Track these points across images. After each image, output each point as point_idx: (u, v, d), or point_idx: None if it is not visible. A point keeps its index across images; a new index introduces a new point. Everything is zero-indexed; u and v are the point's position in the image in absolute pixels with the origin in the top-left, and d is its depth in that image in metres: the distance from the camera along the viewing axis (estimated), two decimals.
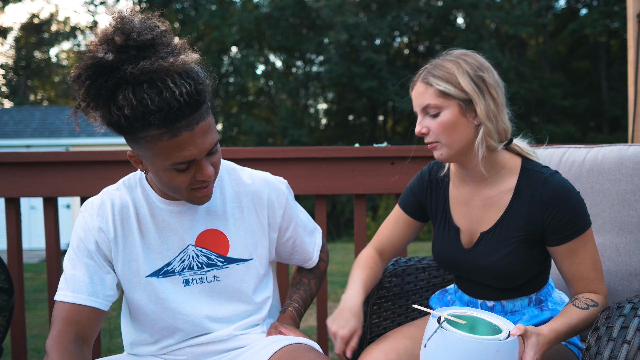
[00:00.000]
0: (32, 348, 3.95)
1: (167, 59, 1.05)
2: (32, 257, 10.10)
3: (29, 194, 2.03)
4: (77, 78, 1.06)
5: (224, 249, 1.31)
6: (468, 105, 1.23)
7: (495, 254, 1.29)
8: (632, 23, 2.54)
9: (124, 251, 1.26)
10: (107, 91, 1.03)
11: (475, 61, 1.25)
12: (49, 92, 24.77)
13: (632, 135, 2.58)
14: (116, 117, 1.05)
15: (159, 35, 1.07)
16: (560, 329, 1.16)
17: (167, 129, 1.05)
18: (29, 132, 13.17)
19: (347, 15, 17.93)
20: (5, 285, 1.64)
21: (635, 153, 1.51)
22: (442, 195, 1.41)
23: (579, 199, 1.25)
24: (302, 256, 1.49)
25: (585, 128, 19.04)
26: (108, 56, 1.03)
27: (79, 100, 1.08)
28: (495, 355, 1.03)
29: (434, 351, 1.07)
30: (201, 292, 1.30)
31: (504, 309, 1.35)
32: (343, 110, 22.20)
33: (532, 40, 20.62)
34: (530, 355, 1.08)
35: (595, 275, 1.25)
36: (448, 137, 1.25)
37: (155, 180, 1.19)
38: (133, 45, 1.04)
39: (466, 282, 1.40)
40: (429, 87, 1.25)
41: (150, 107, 1.02)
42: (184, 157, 1.09)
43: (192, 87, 1.05)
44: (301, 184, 2.05)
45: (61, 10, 39.92)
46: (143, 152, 1.11)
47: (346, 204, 16.74)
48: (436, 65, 1.27)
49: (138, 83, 1.03)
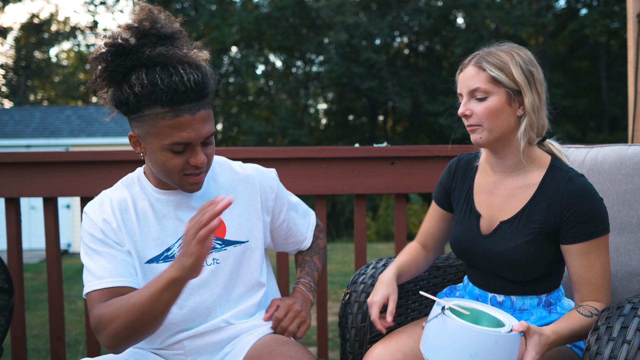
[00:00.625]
0: (32, 348, 3.95)
1: (183, 50, 1.19)
2: (32, 257, 10.10)
3: (29, 194, 2.03)
4: (99, 56, 1.18)
5: (221, 231, 1.36)
6: (516, 96, 1.28)
7: (511, 242, 1.31)
8: (632, 23, 2.54)
9: (125, 240, 1.30)
10: (123, 70, 1.15)
11: (526, 56, 1.31)
12: (49, 92, 24.78)
13: (632, 135, 2.58)
14: (126, 95, 1.15)
15: (178, 32, 1.21)
16: (562, 332, 1.17)
17: (171, 108, 1.15)
18: (29, 132, 13.17)
19: (347, 15, 17.92)
20: (5, 285, 1.64)
21: (635, 153, 1.51)
22: (468, 183, 1.45)
23: (600, 203, 1.27)
24: (297, 238, 1.56)
25: (585, 128, 19.05)
26: (131, 40, 1.16)
27: (95, 77, 1.19)
28: (493, 347, 1.03)
29: (433, 335, 1.08)
30: (200, 276, 1.32)
31: (513, 305, 1.36)
32: (343, 110, 22.21)
33: (532, 40, 20.62)
34: (531, 354, 1.08)
35: (603, 283, 1.26)
36: (491, 123, 1.29)
37: (151, 163, 1.25)
38: (155, 33, 1.17)
39: (478, 272, 1.40)
40: (482, 71, 1.29)
41: (160, 85, 1.13)
42: (181, 138, 1.17)
43: (200, 78, 1.16)
44: (301, 184, 2.05)
45: (61, 10, 39.93)
46: (145, 130, 1.19)
47: (346, 204, 16.75)
48: (490, 53, 1.31)
49: (152, 65, 1.15)
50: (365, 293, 1.60)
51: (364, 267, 1.66)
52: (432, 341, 1.09)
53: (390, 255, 6.39)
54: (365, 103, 20.75)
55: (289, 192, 1.56)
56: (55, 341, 2.07)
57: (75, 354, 3.72)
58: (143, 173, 1.36)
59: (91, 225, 1.29)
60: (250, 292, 1.40)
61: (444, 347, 1.06)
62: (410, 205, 13.97)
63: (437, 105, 16.81)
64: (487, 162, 1.42)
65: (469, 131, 1.34)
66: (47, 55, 24.39)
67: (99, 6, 24.32)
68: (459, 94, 1.35)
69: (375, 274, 1.61)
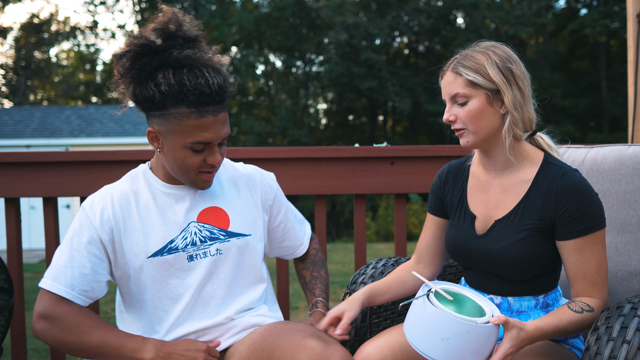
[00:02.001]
0: (32, 348, 3.95)
1: (207, 53, 1.26)
2: (32, 257, 10.10)
3: (28, 194, 2.03)
4: (125, 54, 1.23)
5: (225, 223, 1.39)
6: (495, 95, 1.28)
7: (506, 240, 1.31)
8: (632, 23, 2.54)
9: (125, 236, 1.32)
10: (150, 68, 1.21)
11: (503, 53, 1.31)
12: (48, 92, 24.76)
13: (632, 135, 2.58)
14: (151, 92, 1.21)
15: (201, 35, 1.28)
16: (546, 328, 1.17)
17: (197, 109, 1.22)
18: (28, 132, 13.16)
19: (347, 15, 17.91)
20: (5, 285, 1.64)
21: (635, 153, 1.51)
22: (461, 186, 1.45)
23: (595, 198, 1.27)
24: (293, 242, 1.60)
25: (585, 128, 19.04)
26: (158, 41, 1.22)
27: (119, 73, 1.26)
28: (465, 335, 1.05)
29: (413, 315, 1.12)
30: (204, 267, 1.35)
31: (510, 307, 1.35)
32: (343, 110, 22.20)
33: (532, 40, 20.61)
34: (505, 347, 1.09)
35: (598, 279, 1.25)
36: (475, 125, 1.30)
37: (168, 159, 1.30)
38: (181, 35, 1.24)
39: (475, 273, 1.40)
40: (459, 76, 1.30)
41: (188, 86, 1.20)
42: (203, 138, 1.24)
43: (222, 82, 1.24)
44: (301, 184, 2.05)
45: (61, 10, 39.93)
46: (168, 128, 1.25)
47: (346, 204, 16.73)
48: (466, 56, 1.31)
49: (179, 67, 1.21)
50: None
51: (364, 267, 1.66)
52: (411, 320, 1.13)
53: (390, 255, 6.38)
54: (365, 103, 20.74)
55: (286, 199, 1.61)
56: None
57: None
58: (149, 168, 1.40)
59: (82, 223, 1.31)
60: (253, 286, 1.43)
61: (420, 327, 1.10)
62: (410, 205, 13.97)
63: (437, 105, 16.81)
64: (479, 162, 1.42)
65: (457, 135, 1.35)
66: (47, 55, 24.38)
67: (99, 6, 24.33)
68: (443, 99, 1.36)
69: (375, 274, 1.61)
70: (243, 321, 1.39)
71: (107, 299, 5.64)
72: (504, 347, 1.09)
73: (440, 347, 1.07)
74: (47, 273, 1.29)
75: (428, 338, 1.08)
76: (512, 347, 1.10)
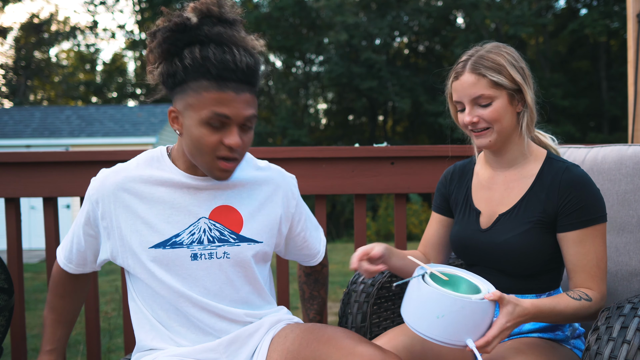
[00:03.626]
0: (32, 348, 3.95)
1: (241, 33, 1.20)
2: (32, 257, 10.09)
3: (28, 194, 2.03)
4: (158, 30, 1.19)
5: (238, 226, 1.30)
6: (516, 95, 1.31)
7: (510, 232, 1.32)
8: (632, 23, 2.54)
9: (126, 222, 1.27)
10: (180, 45, 1.16)
11: (513, 53, 1.34)
12: (49, 92, 24.77)
13: (632, 135, 2.58)
14: (175, 67, 1.17)
15: (240, 20, 1.22)
16: (543, 307, 1.17)
17: (217, 83, 1.15)
18: (29, 132, 13.16)
19: (347, 15, 17.91)
20: (5, 285, 1.64)
21: (635, 153, 1.51)
22: (466, 184, 1.47)
23: (596, 192, 1.29)
24: (310, 251, 1.50)
25: (585, 128, 19.04)
26: (193, 19, 1.17)
27: (149, 49, 1.21)
28: (460, 312, 1.06)
29: (408, 295, 1.13)
30: (208, 269, 1.27)
31: None
32: (343, 110, 22.21)
33: (532, 40, 20.61)
34: (501, 322, 1.10)
35: (597, 272, 1.26)
36: (499, 125, 1.31)
37: (186, 141, 1.22)
38: (217, 16, 1.19)
39: (478, 270, 1.40)
40: (482, 78, 1.29)
41: (211, 60, 1.14)
42: (221, 111, 1.16)
43: (252, 63, 1.18)
44: (301, 184, 2.03)
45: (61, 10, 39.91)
46: (186, 102, 1.18)
47: (346, 204, 16.74)
48: (482, 57, 1.31)
49: (207, 42, 1.16)
50: (365, 293, 1.60)
51: None
52: (406, 302, 1.14)
53: None
54: (365, 103, 20.74)
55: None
56: None
57: (75, 354, 3.72)
58: (167, 154, 1.32)
59: (87, 200, 1.32)
60: (257, 296, 1.35)
61: (415, 307, 1.11)
62: (410, 205, 13.97)
63: (437, 105, 16.80)
64: (485, 161, 1.44)
65: (476, 136, 1.34)
66: (47, 55, 24.38)
67: (99, 6, 24.35)
68: (457, 101, 1.35)
69: None
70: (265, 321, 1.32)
71: (107, 299, 5.64)
72: (500, 322, 1.10)
73: (435, 325, 1.08)
74: (61, 242, 1.41)
75: (423, 317, 1.09)
76: (509, 322, 1.10)
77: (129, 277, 1.34)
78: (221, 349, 1.27)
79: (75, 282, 1.44)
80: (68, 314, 1.45)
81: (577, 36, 18.64)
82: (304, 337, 1.23)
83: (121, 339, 4.10)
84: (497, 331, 1.09)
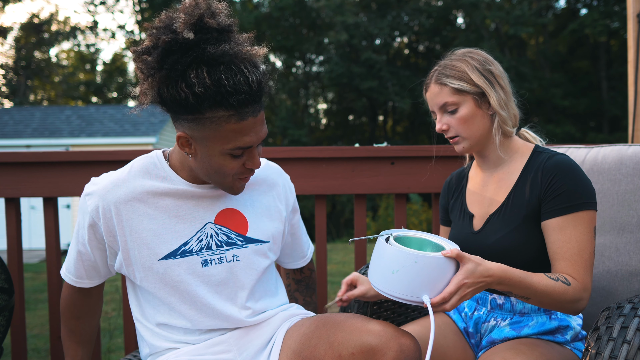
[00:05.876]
0: (32, 348, 3.95)
1: (244, 46, 1.12)
2: (32, 257, 10.09)
3: (29, 194, 2.03)
4: (151, 50, 1.10)
5: (244, 228, 1.30)
6: (482, 98, 1.33)
7: (499, 232, 1.32)
8: (632, 23, 2.54)
9: (131, 237, 1.23)
10: (181, 67, 1.06)
11: (480, 56, 1.35)
12: (49, 92, 24.76)
13: (632, 135, 2.58)
14: (183, 94, 1.07)
15: (234, 24, 1.13)
16: (512, 274, 1.13)
17: (236, 112, 1.09)
18: (29, 132, 13.16)
19: (347, 15, 17.91)
20: (5, 285, 1.64)
21: (635, 153, 1.51)
22: (460, 191, 1.50)
23: (582, 178, 1.26)
24: (298, 253, 1.51)
25: (585, 128, 19.03)
26: (189, 35, 1.06)
27: (143, 73, 1.11)
28: (413, 266, 1.08)
29: (372, 258, 1.17)
30: (220, 273, 1.26)
31: (513, 308, 1.36)
32: (343, 110, 22.20)
33: (532, 40, 20.61)
34: (458, 278, 1.09)
35: (579, 260, 1.21)
36: (467, 130, 1.34)
37: (201, 166, 1.19)
38: (215, 27, 1.09)
39: None
40: (444, 86, 1.33)
41: (227, 87, 1.06)
42: (244, 142, 1.13)
43: (260, 77, 1.11)
44: (301, 184, 2.05)
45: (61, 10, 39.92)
46: (203, 134, 1.12)
47: (346, 204, 16.74)
48: (446, 66, 1.35)
49: (215, 64, 1.07)
50: None
51: (364, 267, 1.66)
52: (371, 263, 1.18)
53: None
54: (365, 103, 20.74)
55: None
56: (55, 341, 2.07)
57: None
58: (166, 162, 1.27)
59: (84, 213, 1.25)
60: (269, 297, 1.34)
61: (374, 265, 1.15)
62: (410, 205, 13.96)
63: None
64: (476, 164, 1.47)
65: (451, 143, 1.38)
66: (47, 55, 24.38)
67: (99, 6, 24.34)
68: (432, 111, 1.40)
69: None
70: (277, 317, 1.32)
71: (107, 299, 5.64)
72: (457, 278, 1.09)
73: (391, 280, 1.10)
74: (64, 264, 1.35)
75: (381, 273, 1.12)
76: (467, 278, 1.08)
77: (134, 287, 1.32)
78: (232, 341, 1.27)
79: (88, 301, 1.38)
80: (86, 333, 1.41)
81: (577, 36, 18.63)
82: (320, 320, 1.24)
83: (121, 339, 4.10)
84: (454, 287, 1.08)
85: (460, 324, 1.44)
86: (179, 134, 1.16)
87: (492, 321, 1.38)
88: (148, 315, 1.29)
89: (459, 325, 1.45)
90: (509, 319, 1.35)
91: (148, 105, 1.16)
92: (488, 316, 1.39)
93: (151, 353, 1.31)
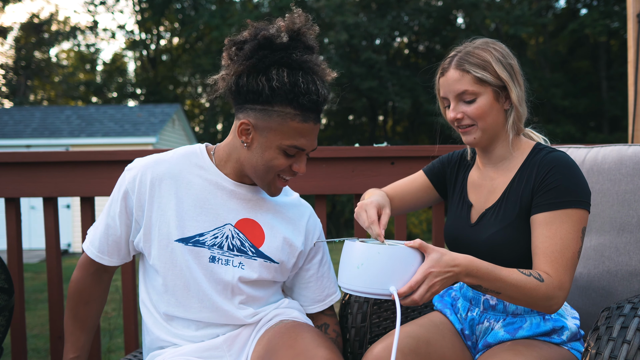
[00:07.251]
0: (32, 348, 3.95)
1: (320, 65, 1.27)
2: (32, 257, 10.10)
3: (29, 194, 2.03)
4: (248, 42, 1.23)
5: (259, 241, 1.35)
6: (501, 92, 1.29)
7: (493, 227, 1.31)
8: (632, 23, 2.54)
9: (157, 213, 1.30)
10: (268, 62, 1.20)
11: (503, 50, 1.32)
12: (49, 92, 24.75)
13: (632, 135, 2.58)
14: (260, 85, 1.20)
15: (317, 48, 1.30)
16: (480, 264, 1.12)
17: (302, 112, 1.22)
18: (29, 132, 13.16)
19: (347, 15, 17.91)
20: (5, 285, 1.64)
21: (635, 153, 1.51)
22: (463, 175, 1.47)
23: (576, 176, 1.24)
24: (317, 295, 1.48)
25: (585, 128, 19.03)
26: (284, 38, 1.22)
27: (229, 58, 1.24)
28: (376, 257, 1.09)
29: (340, 263, 1.18)
30: (223, 274, 1.31)
31: (506, 309, 1.35)
32: (343, 110, 22.19)
33: (532, 40, 20.61)
34: (424, 267, 1.09)
35: (559, 258, 1.18)
36: (483, 122, 1.30)
37: (254, 155, 1.27)
38: (305, 41, 1.25)
39: None
40: (466, 74, 1.29)
41: (301, 89, 1.20)
42: (301, 144, 1.25)
43: (327, 95, 1.26)
44: (301, 184, 2.05)
45: (61, 10, 39.92)
46: (268, 124, 1.23)
47: (346, 204, 16.73)
48: (468, 53, 1.30)
49: (296, 68, 1.21)
50: None
51: None
52: (339, 267, 1.19)
53: None
54: (365, 103, 20.74)
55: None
56: (55, 341, 2.07)
57: None
58: (209, 157, 1.36)
59: (120, 185, 1.33)
60: (264, 301, 1.40)
61: (342, 265, 1.16)
62: None
63: (437, 105, 16.74)
64: (478, 157, 1.45)
65: (462, 133, 1.35)
66: (47, 55, 24.37)
67: (99, 6, 24.34)
68: (443, 97, 1.35)
69: None
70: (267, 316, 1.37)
71: (107, 299, 5.64)
72: (423, 267, 1.08)
73: (356, 275, 1.11)
74: (87, 238, 1.39)
75: (347, 270, 1.13)
76: (433, 267, 1.08)
77: (145, 270, 1.37)
78: (225, 347, 1.32)
79: (98, 287, 1.44)
80: (91, 320, 1.45)
81: (577, 36, 18.64)
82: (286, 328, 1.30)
83: (121, 339, 4.10)
84: (421, 276, 1.08)
85: (458, 325, 1.44)
86: (242, 120, 1.25)
87: (485, 323, 1.37)
88: (154, 302, 1.35)
89: (456, 326, 1.44)
90: (502, 320, 1.34)
91: (220, 92, 1.27)
92: (481, 317, 1.38)
93: (151, 343, 1.37)
